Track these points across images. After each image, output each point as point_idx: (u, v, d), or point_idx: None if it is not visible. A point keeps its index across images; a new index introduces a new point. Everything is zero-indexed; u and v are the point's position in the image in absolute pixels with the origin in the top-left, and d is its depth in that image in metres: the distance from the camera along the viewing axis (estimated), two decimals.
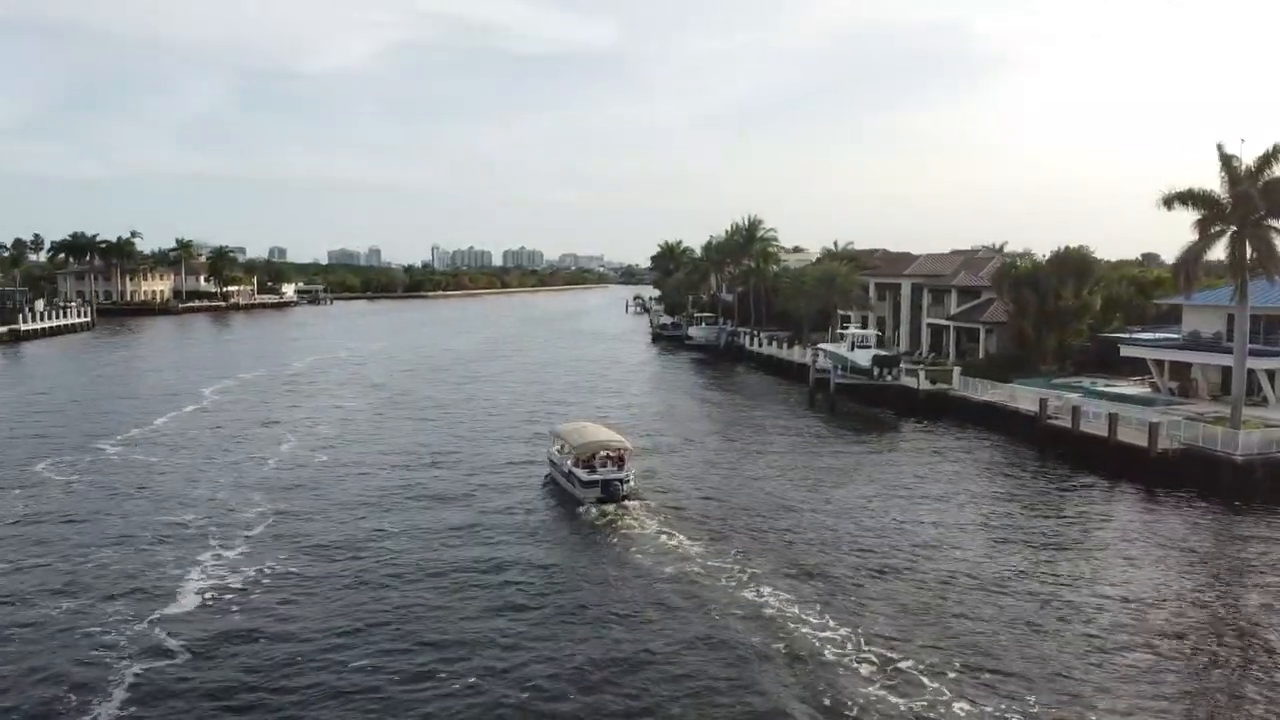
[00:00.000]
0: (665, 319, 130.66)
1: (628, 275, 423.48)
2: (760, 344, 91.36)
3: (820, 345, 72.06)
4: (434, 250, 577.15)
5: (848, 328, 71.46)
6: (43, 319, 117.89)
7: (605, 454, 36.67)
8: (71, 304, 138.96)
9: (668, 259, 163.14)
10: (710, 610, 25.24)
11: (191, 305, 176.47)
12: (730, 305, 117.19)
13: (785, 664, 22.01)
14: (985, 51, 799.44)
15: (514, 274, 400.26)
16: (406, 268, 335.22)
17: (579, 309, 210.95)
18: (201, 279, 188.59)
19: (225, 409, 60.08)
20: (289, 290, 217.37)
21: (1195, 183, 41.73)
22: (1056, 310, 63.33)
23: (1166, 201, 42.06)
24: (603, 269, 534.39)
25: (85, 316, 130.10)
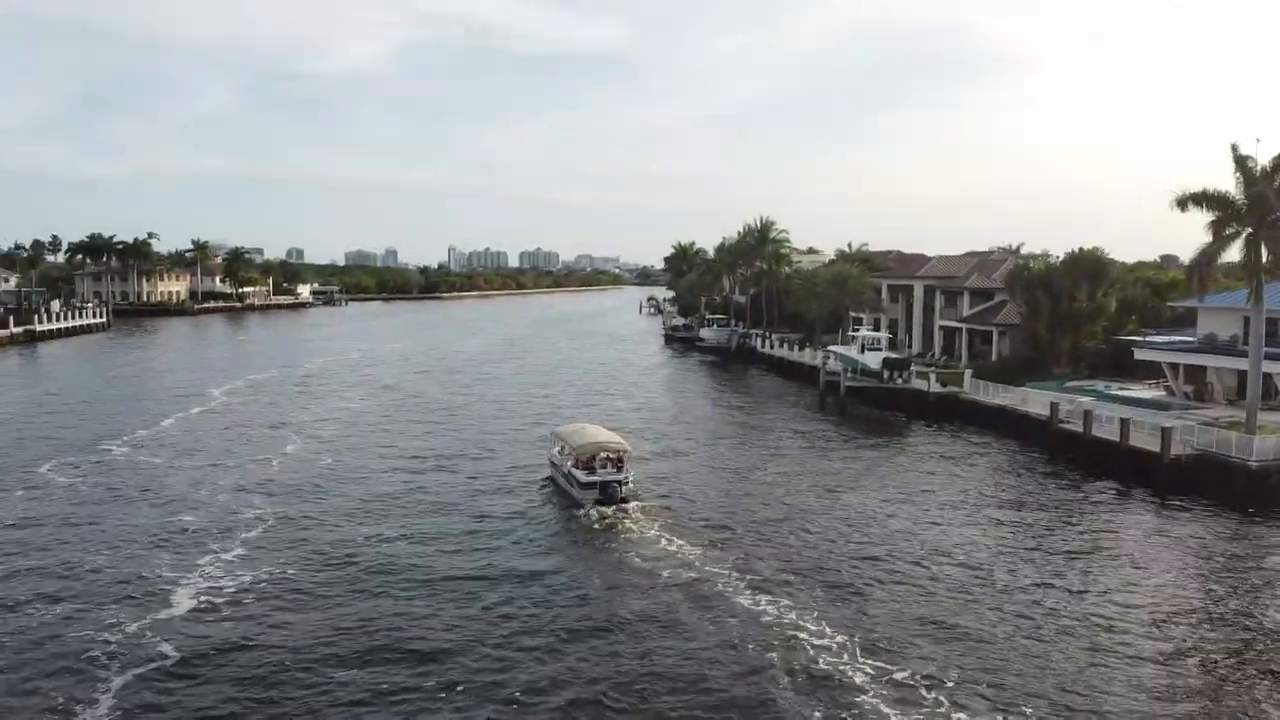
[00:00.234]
0: (678, 321, 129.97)
1: (643, 276, 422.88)
2: (771, 346, 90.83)
3: (830, 347, 71.42)
4: (450, 251, 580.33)
5: (859, 330, 70.80)
6: (58, 319, 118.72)
7: (604, 455, 36.40)
8: (88, 304, 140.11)
9: (681, 260, 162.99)
10: (704, 617, 24.84)
11: (207, 306, 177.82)
12: (743, 307, 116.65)
13: (780, 674, 21.56)
14: (986, 51, 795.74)
15: (529, 275, 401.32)
16: (423, 269, 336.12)
17: (593, 310, 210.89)
18: (217, 280, 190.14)
19: (234, 410, 60.15)
20: (304, 291, 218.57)
21: (1201, 183, 41.15)
22: (1070, 312, 62.62)
23: (1180, 203, 41.39)
24: (618, 270, 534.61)
25: (101, 317, 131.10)
